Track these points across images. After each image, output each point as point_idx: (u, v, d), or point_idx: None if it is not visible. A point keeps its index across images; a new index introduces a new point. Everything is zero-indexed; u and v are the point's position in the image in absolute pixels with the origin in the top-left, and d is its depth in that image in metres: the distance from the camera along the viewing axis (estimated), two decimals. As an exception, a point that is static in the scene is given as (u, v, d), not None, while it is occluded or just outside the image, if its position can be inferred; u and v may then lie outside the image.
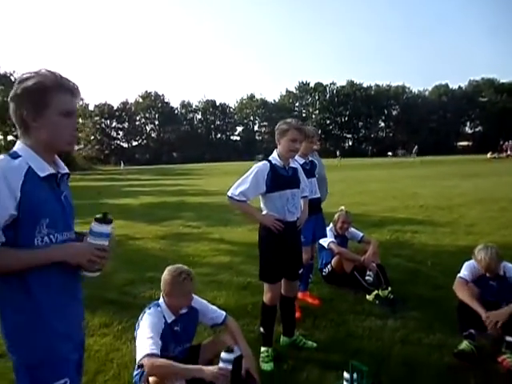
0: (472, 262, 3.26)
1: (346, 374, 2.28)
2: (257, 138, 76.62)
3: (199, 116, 77.85)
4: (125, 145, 74.24)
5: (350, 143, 75.31)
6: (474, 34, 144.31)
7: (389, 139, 70.66)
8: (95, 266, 1.42)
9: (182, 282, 2.35)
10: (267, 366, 2.72)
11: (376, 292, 3.89)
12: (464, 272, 3.21)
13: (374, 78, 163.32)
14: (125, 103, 73.38)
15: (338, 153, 44.49)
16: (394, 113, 74.47)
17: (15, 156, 1.32)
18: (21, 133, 1.38)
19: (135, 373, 2.45)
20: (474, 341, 2.84)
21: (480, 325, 2.83)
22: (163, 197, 14.31)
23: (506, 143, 43.12)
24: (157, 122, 74.48)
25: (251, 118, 76.87)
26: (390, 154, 50.43)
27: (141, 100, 73.98)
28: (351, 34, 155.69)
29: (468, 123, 74.68)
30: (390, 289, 3.92)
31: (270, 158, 2.76)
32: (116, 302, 4.03)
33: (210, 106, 75.72)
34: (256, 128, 78.32)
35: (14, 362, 1.38)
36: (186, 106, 76.98)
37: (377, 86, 74.18)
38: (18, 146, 1.37)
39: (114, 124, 72.93)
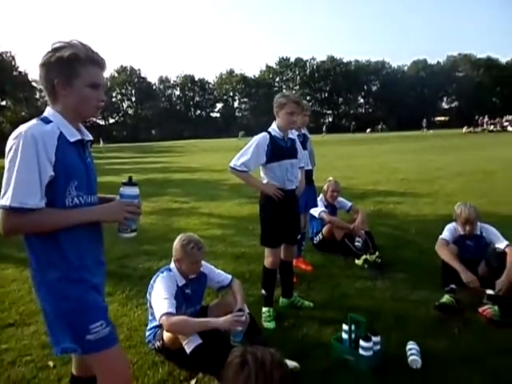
0: (452, 224, 3.53)
1: (344, 326, 2.50)
2: (237, 114, 75.75)
3: (178, 92, 75.99)
4: (101, 122, 72.02)
5: (331, 119, 75.57)
6: (452, 10, 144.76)
7: (368, 115, 71.21)
8: (131, 223, 1.54)
9: (190, 250, 2.48)
10: (269, 325, 2.92)
11: (365, 257, 4.14)
12: (445, 233, 3.48)
13: (354, 53, 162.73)
14: (99, 78, 70.57)
15: (324, 128, 48.19)
16: (374, 89, 74.81)
17: (47, 121, 1.38)
18: (50, 99, 1.44)
19: (148, 333, 2.61)
20: (454, 294, 3.12)
21: (460, 280, 3.11)
22: (147, 174, 14.20)
23: (481, 118, 44.32)
24: (134, 98, 72.31)
25: (231, 93, 75.64)
26: (368, 130, 51.01)
27: (116, 75, 71.36)
28: (331, 9, 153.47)
29: (445, 98, 75.94)
30: (377, 253, 4.17)
31: (270, 129, 2.87)
32: (115, 273, 4.12)
33: (188, 82, 73.91)
34: (236, 104, 77.31)
35: (49, 316, 1.48)
36: (163, 81, 74.90)
37: (356, 61, 74.06)
38: (49, 112, 1.43)
39: (88, 100, 70.39)
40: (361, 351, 2.36)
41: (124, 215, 1.50)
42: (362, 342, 2.36)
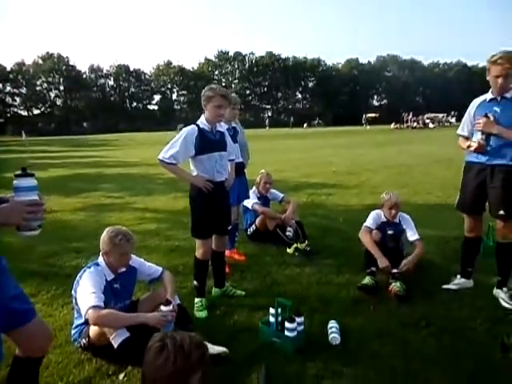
0: (376, 211, 3.85)
1: (271, 310, 2.64)
2: (176, 107, 73.93)
3: (111, 82, 72.01)
4: (24, 113, 65.89)
5: (270, 114, 76.83)
6: (380, 11, 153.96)
7: (306, 110, 73.53)
8: (33, 222, 1.38)
9: (118, 242, 2.45)
10: (201, 314, 2.98)
11: (295, 245, 4.35)
12: (369, 221, 3.79)
13: (291, 50, 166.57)
14: (20, 64, 64.13)
15: (266, 122, 51.89)
16: (311, 85, 77.31)
17: None
18: None
19: (73, 331, 2.53)
20: (374, 276, 3.42)
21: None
22: (78, 169, 13.42)
23: (405, 114, 47.92)
24: (62, 88, 67.08)
25: (169, 85, 73.50)
26: (305, 125, 52.83)
27: (41, 62, 65.55)
28: (271, 7, 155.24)
29: (376, 96, 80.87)
30: (307, 242, 4.41)
31: (198, 122, 2.90)
32: (40, 273, 3.91)
33: (123, 72, 70.30)
34: (174, 97, 75.37)
35: None
36: (95, 70, 70.37)
37: (294, 57, 75.83)
38: None
39: (7, 89, 63.93)
40: (286, 332, 2.51)
41: (23, 216, 1.33)
42: (286, 324, 2.51)
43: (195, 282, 3.10)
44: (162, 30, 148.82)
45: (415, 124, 43.97)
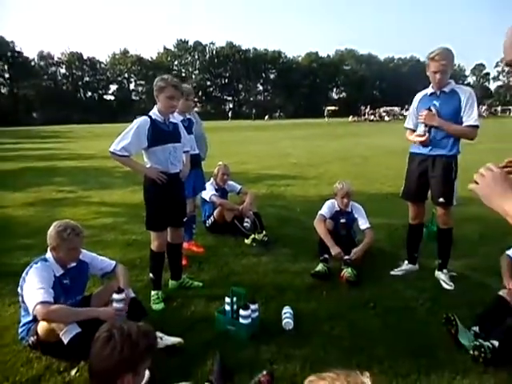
0: (331, 200, 4.00)
1: (227, 299, 2.69)
2: (134, 97, 71.54)
3: (63, 70, 68.33)
4: (-38, 101, 60.67)
5: (231, 106, 76.44)
6: (339, 6, 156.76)
7: (267, 102, 73.88)
8: None
9: (67, 237, 2.38)
10: (158, 306, 2.98)
11: (253, 236, 4.42)
12: (324, 210, 3.93)
13: (252, 42, 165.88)
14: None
15: (229, 114, 52.52)
16: (272, 77, 77.68)
17: None
18: None
19: (21, 330, 2.45)
20: (327, 263, 3.57)
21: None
22: (26, 162, 12.70)
23: (364, 108, 49.49)
24: (7, 75, 62.71)
25: (126, 75, 70.97)
26: (267, 117, 53.18)
27: (-18, 47, 60.74)
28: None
29: (335, 89, 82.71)
30: (264, 232, 4.49)
31: (151, 113, 2.86)
32: (-15, 272, 3.71)
33: (75, 60, 66.86)
34: (132, 87, 72.96)
35: None
36: (45, 57, 66.32)
37: (255, 49, 75.80)
38: None
39: None
40: (241, 320, 2.58)
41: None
42: (241, 311, 2.57)
43: (151, 275, 3.09)
44: (117, 17, 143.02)
45: (372, 117, 45.56)
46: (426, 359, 2.32)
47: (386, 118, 43.56)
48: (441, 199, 3.20)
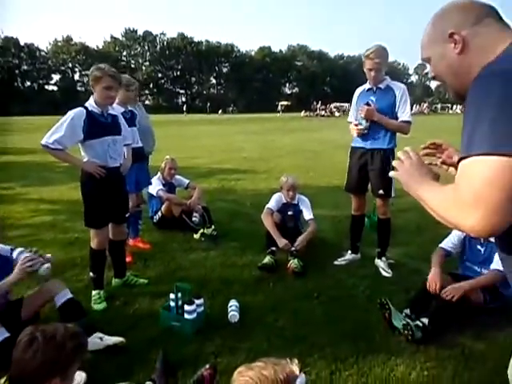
0: (278, 193, 4.06)
1: (171, 295, 2.64)
2: (79, 88, 67.73)
3: (-4, 57, 63.03)
4: None
5: (184, 99, 74.96)
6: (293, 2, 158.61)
7: (220, 96, 73.32)
8: None
9: None
10: (99, 306, 2.86)
11: (202, 231, 4.38)
12: (271, 203, 3.98)
13: (204, 34, 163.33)
14: None
15: (184, 108, 52.50)
16: (225, 70, 77.14)
17: None
18: None
19: None
20: (274, 256, 3.62)
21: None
22: (-44, 156, 11.64)
23: (315, 104, 50.74)
24: None
25: (70, 64, 67.02)
26: (220, 111, 52.85)
27: None
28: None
29: (287, 84, 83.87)
30: (213, 227, 4.46)
31: (87, 104, 2.72)
32: None
33: (11, 46, 61.89)
34: (77, 77, 69.09)
35: None
36: (-25, 42, 60.87)
37: (207, 41, 74.75)
38: None
39: None
40: (186, 315, 2.55)
41: None
42: (186, 307, 2.54)
43: (91, 274, 2.96)
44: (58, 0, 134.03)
45: (323, 112, 46.82)
46: (365, 343, 2.43)
47: (337, 114, 44.94)
48: (380, 191, 3.37)
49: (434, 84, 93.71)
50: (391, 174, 1.15)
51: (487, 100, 0.84)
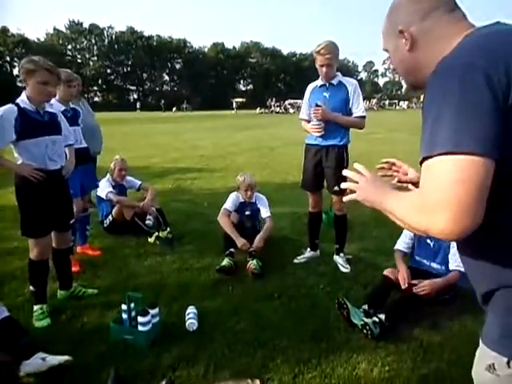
0: (234, 193, 3.96)
1: (123, 306, 2.45)
2: (18, 84, 63.00)
3: None
4: None
5: (135, 96, 72.43)
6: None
7: (174, 93, 71.67)
8: None
9: None
10: (42, 323, 2.60)
11: (156, 234, 4.17)
12: (228, 204, 3.87)
13: (155, 28, 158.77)
14: None
15: (137, 105, 51.84)
16: (178, 66, 75.47)
17: None
18: None
19: None
20: (233, 257, 3.52)
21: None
22: None
23: (270, 100, 51.14)
24: None
25: (7, 58, 62.17)
26: (174, 108, 51.65)
27: None
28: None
29: (242, 81, 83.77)
30: (168, 229, 4.27)
31: (18, 100, 2.45)
32: None
33: None
34: (16, 72, 64.20)
35: None
36: None
37: (158, 36, 72.64)
38: None
39: None
40: (139, 327, 2.38)
41: None
42: (139, 318, 2.37)
43: (31, 287, 2.68)
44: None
45: (278, 109, 47.33)
46: (326, 343, 2.41)
47: (291, 110, 45.59)
48: (335, 188, 3.36)
49: (382, 81, 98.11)
50: (345, 199, 1.11)
51: (446, 97, 0.79)
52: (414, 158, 1.00)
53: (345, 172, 1.14)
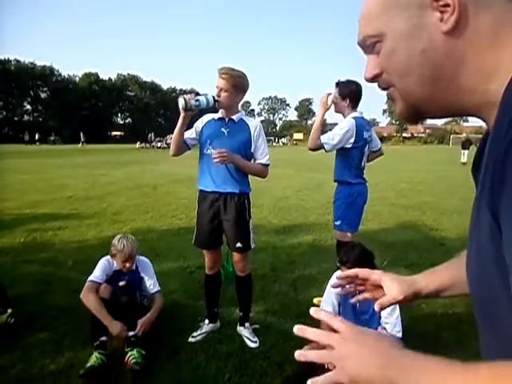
0: (106, 257, 3.01)
1: None
2: None
3: None
4: None
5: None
6: (124, 29, 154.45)
7: (38, 124, 63.86)
8: None
9: None
10: None
11: (-12, 321, 2.93)
12: (95, 273, 2.90)
13: (11, 52, 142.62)
14: None
15: None
16: (43, 95, 68.01)
17: None
18: None
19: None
20: (105, 349, 2.57)
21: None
22: None
23: (150, 135, 49.53)
24: None
25: None
26: (38, 142, 45.79)
27: None
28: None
29: (119, 114, 79.87)
30: (10, 311, 3.06)
31: None
32: None
33: None
34: None
35: None
36: None
37: (17, 61, 64.57)
38: None
39: None
40: None
41: None
42: None
43: None
44: None
45: (159, 144, 45.94)
46: None
47: (173, 146, 44.76)
48: (238, 244, 2.78)
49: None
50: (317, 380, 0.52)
51: None
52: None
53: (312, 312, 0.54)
